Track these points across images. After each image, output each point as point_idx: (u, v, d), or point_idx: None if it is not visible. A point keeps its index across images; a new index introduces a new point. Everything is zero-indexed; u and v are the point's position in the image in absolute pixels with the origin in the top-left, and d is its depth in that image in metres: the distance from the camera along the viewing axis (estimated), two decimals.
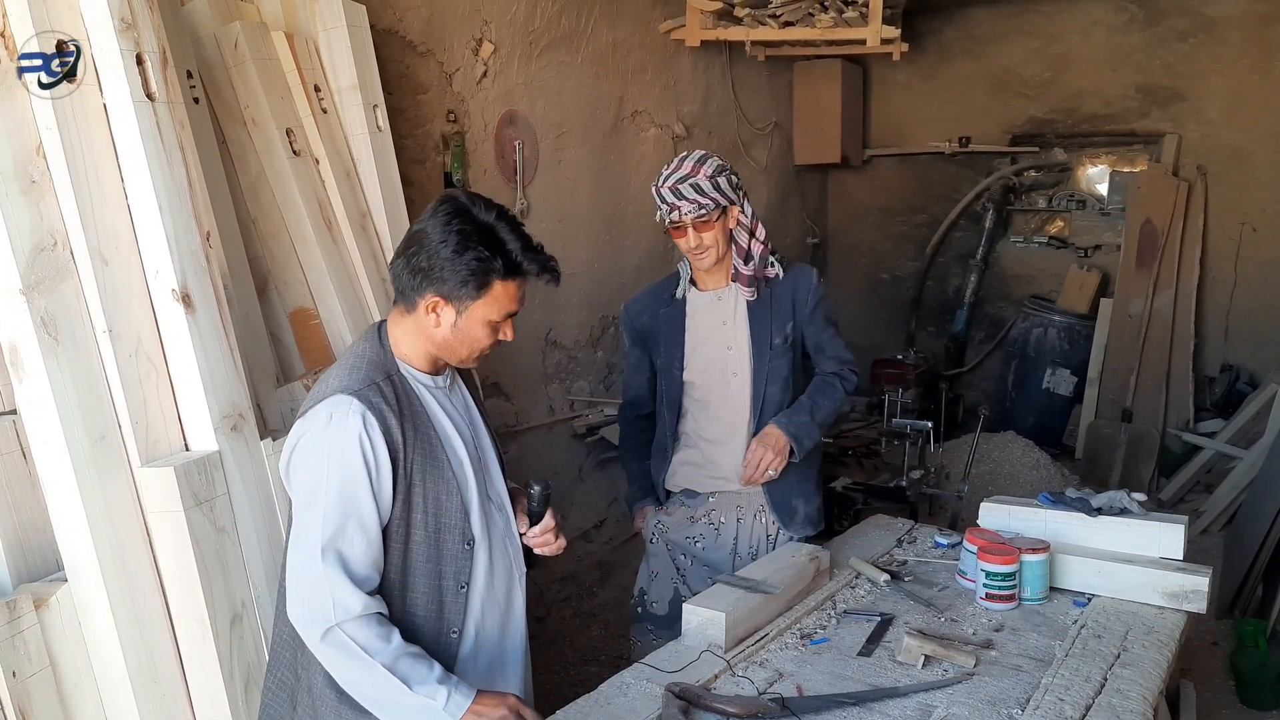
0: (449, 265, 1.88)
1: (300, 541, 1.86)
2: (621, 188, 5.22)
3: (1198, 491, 6.13)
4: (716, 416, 2.92)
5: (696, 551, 2.97)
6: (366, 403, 1.86)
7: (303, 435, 1.89)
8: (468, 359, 2.02)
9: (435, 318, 1.94)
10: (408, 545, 1.94)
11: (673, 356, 2.93)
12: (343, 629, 1.81)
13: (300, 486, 1.89)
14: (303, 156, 2.86)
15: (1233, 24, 6.39)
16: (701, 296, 2.91)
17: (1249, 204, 6.47)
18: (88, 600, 2.01)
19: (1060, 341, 6.79)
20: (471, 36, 4.12)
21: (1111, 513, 2.74)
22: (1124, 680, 2.18)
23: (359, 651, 1.81)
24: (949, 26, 7.17)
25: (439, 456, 1.97)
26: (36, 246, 1.99)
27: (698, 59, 5.84)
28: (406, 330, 1.99)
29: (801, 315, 2.89)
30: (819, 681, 2.19)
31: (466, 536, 2.01)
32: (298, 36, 2.96)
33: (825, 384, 2.92)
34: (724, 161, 2.78)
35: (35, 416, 1.98)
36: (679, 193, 2.70)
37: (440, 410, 2.02)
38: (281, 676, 2.01)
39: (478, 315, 1.94)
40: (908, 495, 4.80)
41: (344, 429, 1.84)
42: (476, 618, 2.05)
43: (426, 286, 1.91)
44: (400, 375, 1.98)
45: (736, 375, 2.88)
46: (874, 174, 7.63)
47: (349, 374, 1.92)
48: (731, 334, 2.88)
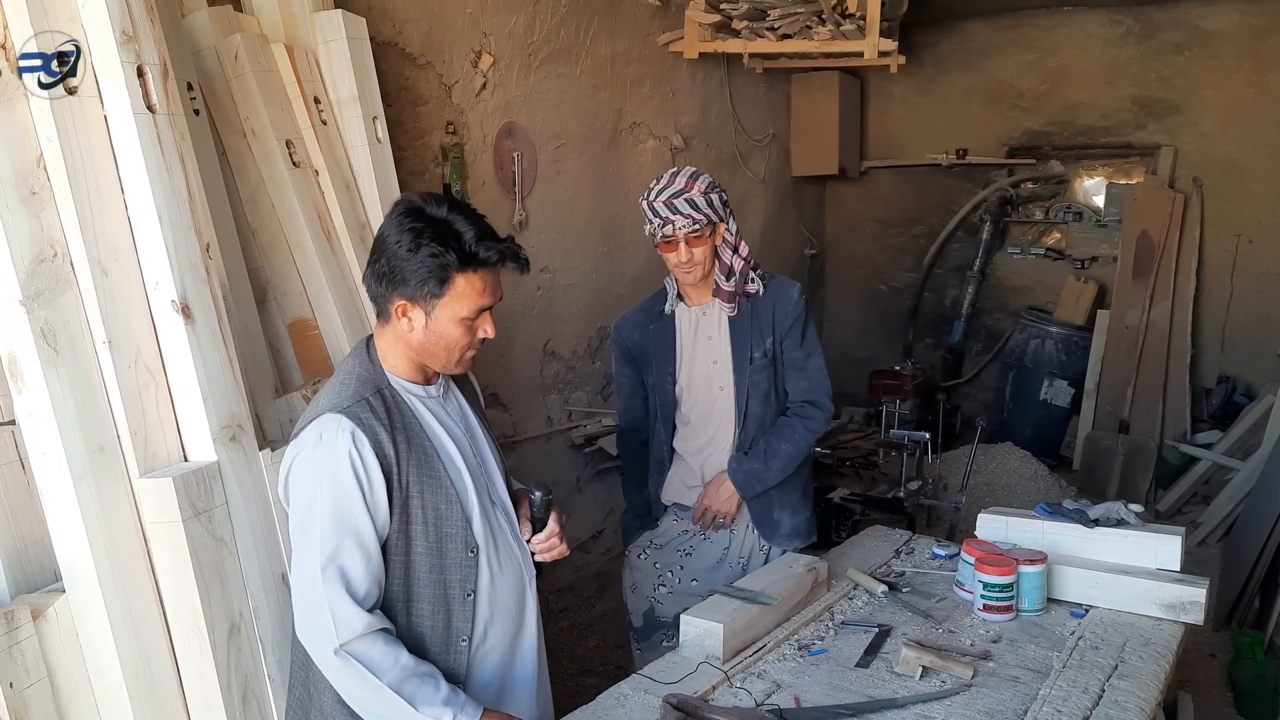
0: (406, 265, 1.86)
1: (301, 563, 1.87)
2: (620, 199, 5.23)
3: (1195, 503, 6.13)
4: (703, 430, 2.95)
5: (685, 562, 2.99)
6: (356, 420, 1.86)
7: (296, 456, 1.89)
8: (450, 362, 1.99)
9: (407, 322, 1.93)
10: (409, 557, 1.94)
11: (665, 371, 2.95)
12: (348, 649, 1.81)
13: (297, 507, 1.90)
14: (302, 168, 2.86)
15: (1227, 38, 6.42)
16: (689, 311, 2.94)
17: (1245, 216, 6.49)
18: (85, 611, 2.00)
19: (1057, 353, 6.80)
20: (471, 49, 4.14)
21: (1109, 524, 2.73)
22: (1122, 692, 2.18)
23: (365, 671, 1.81)
24: (946, 39, 7.20)
25: (435, 467, 1.96)
26: (36, 257, 1.99)
27: (696, 71, 5.86)
28: (389, 342, 1.99)
29: (781, 329, 2.89)
30: (817, 693, 2.19)
31: (469, 544, 2.00)
32: (298, 49, 2.97)
33: (786, 425, 2.92)
34: (713, 179, 2.80)
35: (34, 427, 1.98)
36: (673, 207, 2.71)
37: (434, 420, 2.01)
38: (298, 694, 2.04)
39: (446, 314, 1.91)
40: (905, 506, 4.80)
41: (334, 447, 1.84)
42: (485, 624, 2.04)
43: (392, 292, 1.90)
44: (390, 388, 1.97)
45: (722, 389, 2.91)
46: (871, 186, 7.65)
47: (338, 392, 1.93)
48: (717, 348, 2.90)
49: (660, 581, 3.01)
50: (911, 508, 4.84)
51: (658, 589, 3.01)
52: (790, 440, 2.90)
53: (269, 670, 2.25)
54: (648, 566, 3.04)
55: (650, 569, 3.04)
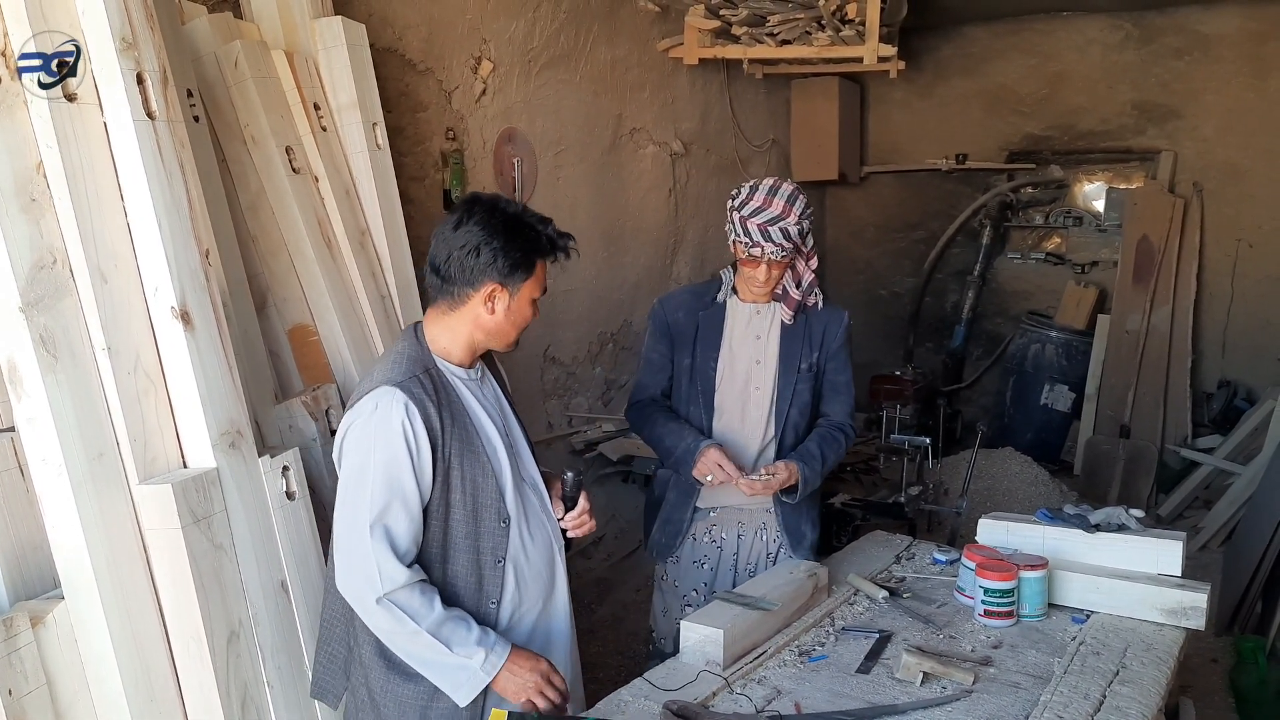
0: (503, 253, 2.06)
1: (349, 519, 2.03)
2: (620, 204, 5.24)
3: (1196, 507, 6.12)
4: (730, 426, 2.92)
5: (706, 575, 2.97)
6: (409, 393, 2.03)
7: (352, 423, 2.05)
8: (512, 341, 2.20)
9: (491, 305, 2.11)
10: (448, 523, 2.11)
11: (709, 356, 2.90)
12: (391, 598, 1.98)
13: (349, 468, 2.05)
14: (302, 174, 2.87)
15: (1227, 42, 6.43)
16: (742, 307, 2.91)
17: (1245, 220, 6.49)
18: (84, 618, 2.00)
19: (1058, 357, 6.80)
20: (470, 55, 4.14)
21: (1110, 529, 2.73)
22: (1123, 698, 2.17)
23: (405, 618, 1.98)
24: (946, 44, 7.21)
25: (474, 442, 2.13)
26: (36, 264, 1.99)
27: (696, 77, 5.86)
28: (447, 326, 2.15)
29: (828, 349, 2.92)
30: (817, 699, 2.19)
31: (502, 515, 2.16)
32: (297, 55, 2.97)
33: (833, 437, 2.93)
34: (806, 199, 2.76)
35: (33, 433, 1.98)
36: (767, 234, 2.67)
37: (474, 400, 2.19)
38: (333, 650, 2.23)
39: (525, 295, 2.14)
40: (906, 511, 4.80)
41: (388, 417, 2.00)
42: (514, 589, 2.20)
43: (482, 277, 2.08)
44: (437, 370, 2.14)
45: (758, 390, 2.90)
46: (872, 191, 7.65)
47: (392, 368, 2.09)
48: (762, 349, 2.90)
49: (686, 602, 2.96)
50: (912, 513, 4.84)
51: (684, 609, 2.91)
52: (836, 455, 2.92)
53: (268, 677, 2.25)
54: (674, 591, 3.01)
55: (676, 593, 3.00)
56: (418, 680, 2.07)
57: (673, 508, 2.99)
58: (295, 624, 2.36)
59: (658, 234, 5.66)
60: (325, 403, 2.70)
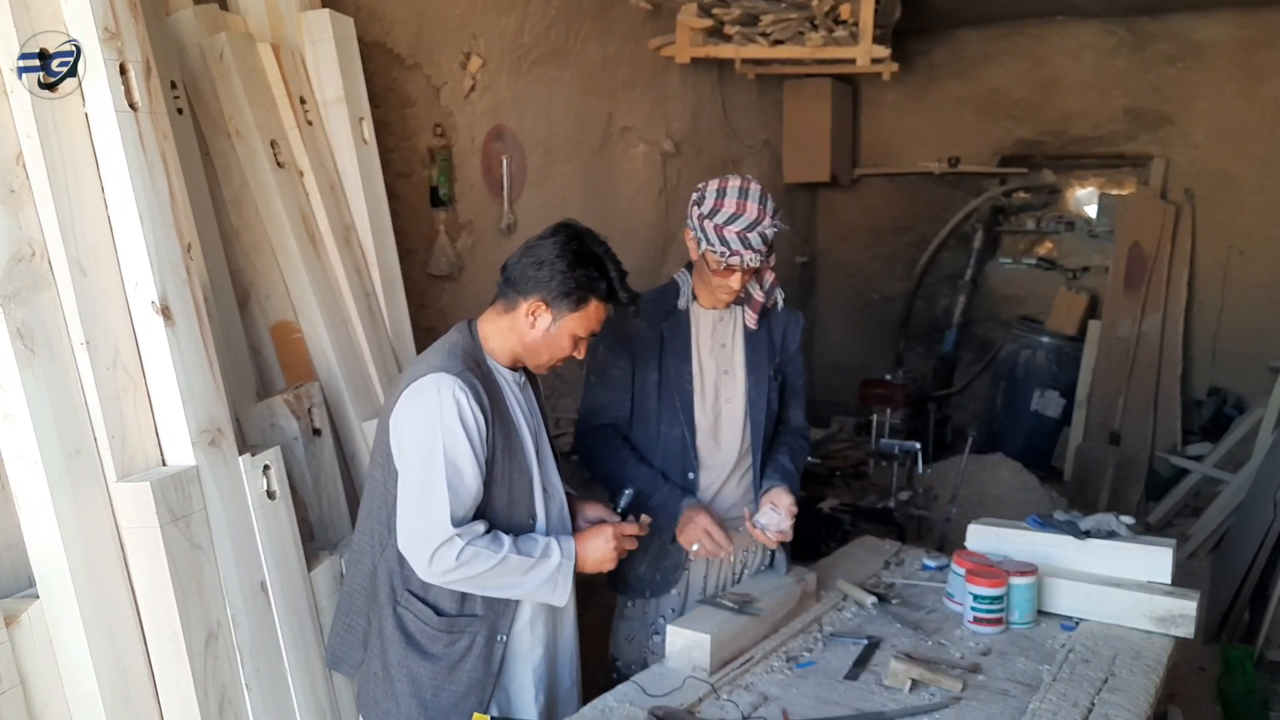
0: (560, 277, 2.18)
1: (415, 492, 2.13)
2: (610, 204, 5.21)
3: (1185, 515, 6.13)
4: (705, 445, 2.69)
5: (674, 602, 2.74)
6: (466, 381, 2.13)
7: (413, 404, 2.14)
8: (546, 364, 2.30)
9: (532, 319, 2.22)
10: (486, 515, 2.19)
11: (682, 370, 2.66)
12: (472, 544, 2.09)
13: (412, 447, 2.14)
14: (287, 169, 2.83)
15: (1219, 50, 6.44)
16: (705, 314, 2.70)
17: (1236, 228, 6.51)
18: (60, 617, 1.97)
19: (1049, 363, 6.80)
20: (460, 50, 4.11)
21: (1100, 536, 2.72)
22: (1112, 705, 2.16)
23: (490, 553, 2.10)
24: (939, 48, 7.21)
25: (513, 441, 2.24)
26: (14, 256, 1.96)
27: (687, 76, 5.84)
28: (499, 328, 2.26)
29: (789, 351, 2.79)
30: (805, 706, 2.17)
31: (532, 513, 2.28)
32: (284, 48, 2.93)
33: (800, 448, 2.82)
34: (765, 188, 2.59)
35: (10, 429, 1.94)
36: (746, 240, 2.47)
37: (515, 402, 2.29)
38: (352, 622, 2.33)
39: (568, 326, 2.23)
40: (895, 517, 4.78)
41: (451, 402, 2.11)
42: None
43: (534, 291, 2.19)
44: (487, 366, 2.25)
45: (730, 403, 2.71)
46: (863, 193, 7.65)
47: (448, 357, 2.18)
48: (729, 358, 2.71)
49: (655, 630, 2.72)
50: (902, 518, 4.82)
51: (651, 638, 2.74)
52: (800, 466, 2.78)
53: (246, 679, 2.22)
54: (641, 616, 2.77)
55: (643, 620, 2.77)
56: (435, 659, 2.19)
57: (669, 540, 2.64)
58: (274, 625, 2.33)
59: (648, 234, 5.63)
60: (308, 401, 2.66)
